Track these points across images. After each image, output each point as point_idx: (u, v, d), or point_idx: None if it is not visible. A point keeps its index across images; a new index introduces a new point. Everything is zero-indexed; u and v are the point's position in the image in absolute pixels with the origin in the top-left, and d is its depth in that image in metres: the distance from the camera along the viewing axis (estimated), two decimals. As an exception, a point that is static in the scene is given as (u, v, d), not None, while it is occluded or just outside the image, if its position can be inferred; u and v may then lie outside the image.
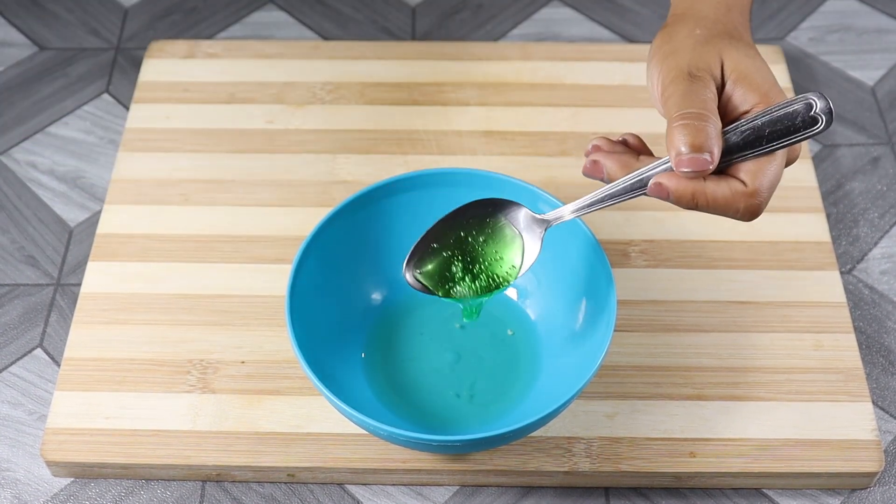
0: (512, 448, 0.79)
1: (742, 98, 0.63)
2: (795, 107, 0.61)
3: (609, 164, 0.65)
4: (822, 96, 0.60)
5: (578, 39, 1.11)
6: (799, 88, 1.06)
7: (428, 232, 0.72)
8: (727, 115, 0.64)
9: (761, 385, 0.82)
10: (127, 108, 1.04)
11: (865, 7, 1.14)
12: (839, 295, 0.87)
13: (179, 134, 0.98)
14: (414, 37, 1.11)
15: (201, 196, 0.94)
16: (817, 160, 1.00)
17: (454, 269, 0.73)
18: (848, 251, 0.94)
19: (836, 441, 0.80)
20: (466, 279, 0.73)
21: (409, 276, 0.72)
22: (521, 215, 0.72)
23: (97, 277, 0.88)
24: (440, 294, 0.73)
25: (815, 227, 0.91)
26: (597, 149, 0.67)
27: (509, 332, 0.84)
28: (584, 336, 0.78)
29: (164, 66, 1.03)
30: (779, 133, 0.61)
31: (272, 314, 0.86)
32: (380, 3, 1.14)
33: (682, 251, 0.90)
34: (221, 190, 0.94)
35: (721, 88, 0.64)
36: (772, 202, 0.92)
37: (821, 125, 0.60)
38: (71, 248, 0.94)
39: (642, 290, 0.88)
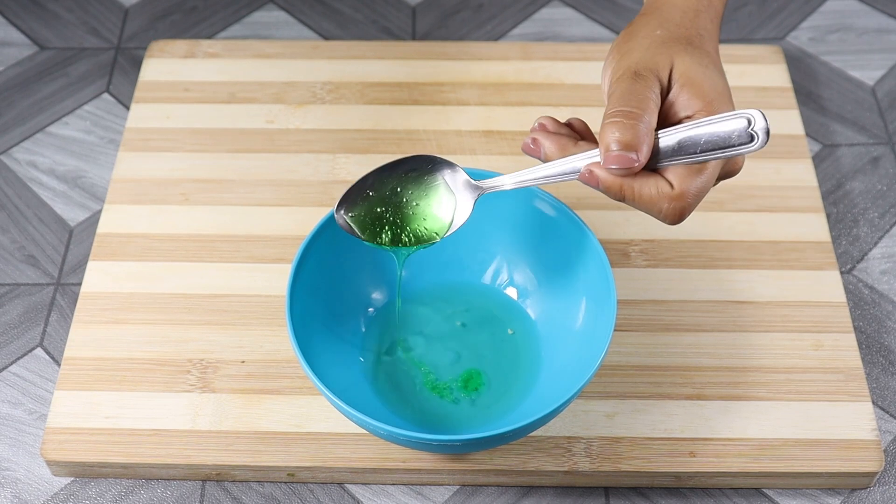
0: (512, 448, 0.79)
1: (686, 103, 0.63)
2: (734, 121, 0.60)
3: (548, 144, 0.66)
4: (762, 115, 0.60)
5: (578, 39, 1.11)
6: (799, 88, 1.06)
7: (365, 178, 0.73)
8: (669, 118, 0.64)
9: (761, 385, 0.82)
10: (127, 108, 1.04)
11: (865, 7, 1.14)
12: (839, 295, 0.87)
13: (179, 134, 0.98)
14: (414, 37, 1.11)
15: (201, 196, 0.94)
16: (817, 160, 1.00)
17: (384, 218, 0.73)
18: (848, 251, 0.94)
19: (836, 441, 0.80)
20: (395, 229, 0.73)
21: (339, 218, 0.73)
22: (459, 178, 0.73)
23: (97, 277, 0.88)
24: (365, 239, 0.73)
25: (815, 227, 0.91)
26: (542, 127, 0.68)
27: (509, 332, 0.84)
28: (584, 336, 0.78)
29: (164, 65, 1.03)
30: (713, 144, 0.61)
31: (272, 314, 0.86)
32: (380, 3, 1.14)
33: (682, 251, 0.90)
34: (221, 190, 0.94)
35: (667, 92, 0.64)
36: (772, 202, 0.93)
37: (756, 143, 0.60)
38: (71, 247, 0.94)
39: (642, 290, 0.88)
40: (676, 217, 0.63)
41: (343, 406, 0.70)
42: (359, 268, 0.83)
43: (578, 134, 0.68)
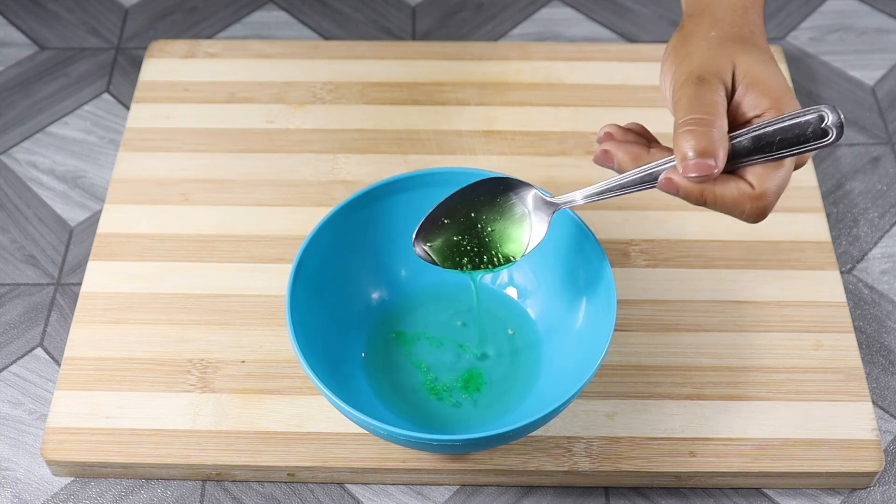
0: (512, 448, 0.79)
1: (753, 103, 0.63)
2: (807, 118, 0.61)
3: (620, 154, 0.66)
4: (835, 109, 0.61)
5: (578, 39, 1.11)
6: (799, 88, 1.06)
7: (438, 207, 0.73)
8: (738, 119, 0.64)
9: (761, 385, 0.82)
10: (127, 108, 1.04)
11: (865, 7, 1.14)
12: (839, 295, 0.87)
13: (179, 134, 0.98)
14: (414, 37, 1.11)
15: (201, 196, 0.94)
16: (817, 160, 1.00)
17: (462, 244, 0.74)
18: (848, 251, 0.94)
19: (836, 441, 0.80)
20: (473, 255, 0.74)
21: (418, 249, 0.73)
22: (531, 196, 0.73)
23: (97, 277, 0.88)
24: (447, 266, 0.74)
25: (815, 227, 0.91)
26: (609, 136, 0.67)
27: (509, 332, 0.84)
28: (584, 336, 0.78)
29: (164, 65, 1.03)
30: (789, 142, 0.61)
31: (272, 314, 0.86)
32: (380, 3, 1.14)
33: (682, 251, 0.90)
34: (221, 190, 0.94)
35: (732, 93, 0.64)
36: (772, 202, 0.93)
37: (831, 138, 0.61)
38: (71, 247, 0.94)
39: (642, 290, 0.88)
40: (759, 215, 0.63)
41: (343, 406, 0.70)
42: (359, 268, 0.83)
43: (646, 139, 0.67)
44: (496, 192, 0.73)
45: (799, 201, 0.93)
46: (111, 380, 0.82)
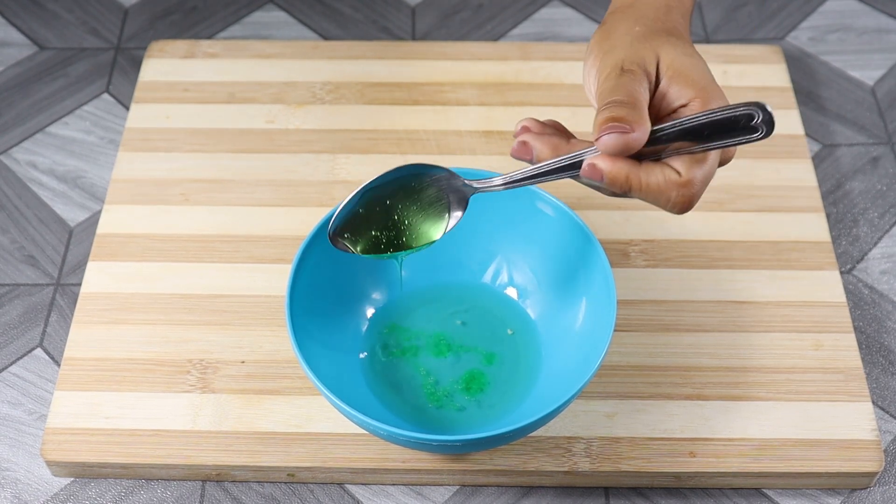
0: (512, 448, 0.79)
1: (678, 93, 0.63)
2: (738, 113, 0.60)
3: (538, 145, 0.65)
4: (765, 108, 0.59)
5: (578, 39, 1.11)
6: (799, 88, 1.06)
7: (352, 198, 0.71)
8: (663, 109, 0.63)
9: (761, 385, 0.82)
10: (127, 108, 1.04)
11: (865, 7, 1.14)
12: (839, 295, 0.87)
13: (179, 134, 0.98)
14: (414, 37, 1.11)
15: (201, 196, 0.94)
16: (817, 160, 1.00)
17: (380, 233, 0.72)
18: (848, 251, 0.94)
19: (836, 441, 0.80)
20: (390, 241, 0.72)
21: (334, 242, 0.71)
22: (449, 180, 0.71)
23: (97, 277, 0.88)
24: (363, 254, 0.72)
25: (815, 227, 0.91)
26: (525, 129, 0.66)
27: (509, 332, 0.84)
28: (584, 336, 0.78)
29: (164, 66, 1.03)
30: (718, 135, 0.60)
31: (272, 314, 0.86)
32: (380, 3, 1.14)
33: (682, 251, 0.90)
34: (221, 190, 0.94)
35: (656, 85, 0.64)
36: (772, 202, 0.93)
37: (760, 134, 0.59)
38: (71, 247, 0.94)
39: (642, 290, 0.88)
40: (685, 205, 0.62)
41: (343, 406, 0.70)
42: (359, 268, 0.83)
43: (564, 135, 0.66)
44: (412, 177, 0.71)
45: (799, 201, 0.93)
46: (111, 380, 0.82)
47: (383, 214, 0.72)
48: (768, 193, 0.94)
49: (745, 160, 0.96)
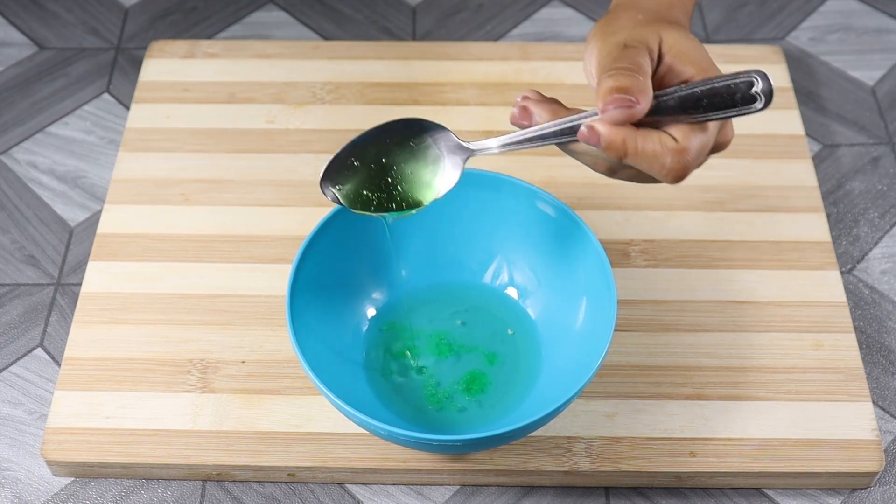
0: (512, 448, 0.79)
1: (680, 70, 0.63)
2: (737, 81, 0.60)
3: (538, 111, 0.65)
4: (766, 77, 0.59)
5: (578, 39, 1.11)
6: (799, 88, 1.06)
7: (347, 146, 0.70)
8: (664, 86, 0.64)
9: (761, 385, 0.82)
10: (127, 108, 1.04)
11: (865, 7, 1.14)
12: (839, 295, 0.87)
13: (179, 134, 0.98)
14: (414, 37, 1.11)
15: (201, 196, 0.94)
16: (817, 160, 1.00)
17: (371, 185, 0.71)
18: (848, 251, 0.94)
19: (836, 441, 0.80)
20: (381, 196, 0.71)
21: (326, 192, 0.71)
22: (445, 140, 0.70)
23: (97, 277, 0.88)
24: (356, 209, 0.71)
25: (815, 227, 0.91)
26: (526, 99, 0.67)
27: (509, 332, 0.84)
28: (584, 336, 0.78)
29: (164, 66, 1.03)
30: (716, 105, 0.60)
31: (272, 314, 0.86)
32: (380, 3, 1.14)
33: (682, 251, 0.90)
34: (221, 190, 0.94)
35: (658, 64, 0.64)
36: (772, 202, 0.93)
37: (759, 104, 0.59)
38: (71, 247, 0.94)
39: (642, 290, 0.88)
40: (679, 173, 0.62)
41: (343, 406, 0.70)
42: (359, 268, 0.83)
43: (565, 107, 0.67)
44: (410, 133, 0.70)
45: (799, 201, 0.93)
46: (111, 380, 0.82)
47: (378, 171, 0.71)
48: (768, 193, 0.94)
49: (745, 160, 0.96)
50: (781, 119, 0.99)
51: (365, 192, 0.71)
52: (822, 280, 0.88)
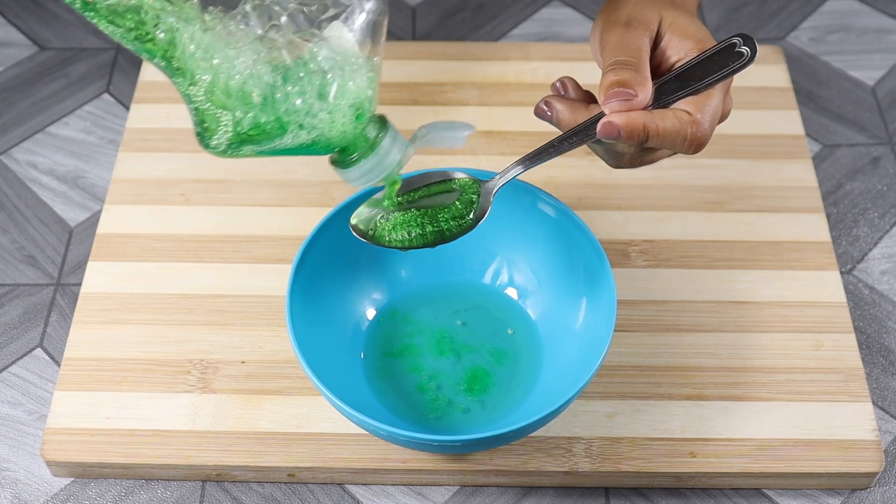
0: (512, 448, 0.79)
1: (678, 45, 0.67)
2: (722, 47, 0.66)
3: (559, 106, 0.69)
4: (747, 36, 0.65)
5: (578, 39, 1.11)
6: (799, 88, 1.06)
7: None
8: (663, 63, 0.68)
9: (761, 385, 0.82)
10: (127, 108, 1.04)
11: (865, 7, 1.14)
12: (839, 295, 0.87)
13: (179, 134, 0.98)
14: (414, 37, 1.11)
15: (201, 196, 0.94)
16: (817, 160, 1.00)
17: (406, 239, 0.71)
18: (848, 251, 0.94)
19: (836, 441, 0.80)
20: (419, 233, 0.71)
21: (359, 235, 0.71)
22: (474, 184, 0.72)
23: (97, 277, 0.88)
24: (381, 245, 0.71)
25: (815, 227, 0.91)
26: (556, 91, 0.70)
27: (509, 332, 0.84)
28: (585, 336, 0.78)
29: (164, 66, 1.03)
30: (710, 70, 0.65)
31: (272, 314, 0.86)
32: (380, 3, 1.14)
33: (682, 251, 0.90)
34: (221, 190, 0.94)
35: (658, 41, 0.68)
36: (772, 202, 0.93)
37: (746, 58, 0.65)
38: (71, 248, 0.94)
39: (642, 290, 0.88)
40: (700, 141, 0.65)
41: (343, 406, 0.70)
42: (359, 268, 0.83)
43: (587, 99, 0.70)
44: (434, 180, 0.73)
45: (799, 201, 0.93)
46: (111, 380, 0.82)
47: (409, 206, 0.72)
48: (768, 193, 0.94)
49: (744, 160, 0.96)
50: (781, 119, 0.99)
51: (400, 239, 0.71)
52: (821, 280, 0.88)
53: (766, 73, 1.03)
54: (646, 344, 0.84)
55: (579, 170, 0.95)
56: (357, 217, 0.71)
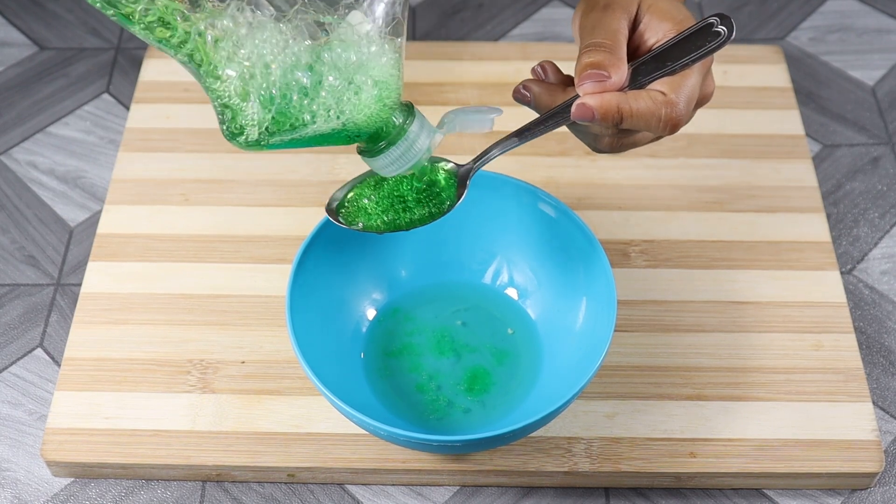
0: (512, 448, 0.79)
1: (657, 27, 0.67)
2: (699, 27, 0.65)
3: (536, 89, 0.69)
4: (724, 15, 0.64)
5: (578, 39, 1.11)
6: (799, 88, 1.06)
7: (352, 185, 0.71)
8: (642, 45, 0.67)
9: (761, 385, 0.82)
10: (127, 108, 1.04)
11: (865, 7, 1.14)
12: (839, 295, 0.87)
13: (179, 134, 0.98)
14: (414, 37, 1.11)
15: (201, 196, 0.94)
16: (817, 160, 1.00)
17: (381, 222, 0.71)
18: (848, 251, 0.94)
19: (836, 441, 0.80)
20: (394, 221, 0.71)
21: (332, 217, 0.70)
22: (447, 168, 0.72)
23: (97, 277, 0.88)
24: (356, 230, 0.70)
25: (815, 227, 0.91)
26: (537, 75, 0.70)
27: (509, 332, 0.84)
28: (584, 336, 0.78)
29: (164, 66, 1.03)
30: (687, 50, 0.65)
31: (272, 314, 0.86)
32: (380, 3, 1.14)
33: (682, 251, 0.90)
34: (221, 190, 0.94)
35: (637, 24, 0.68)
36: (772, 202, 0.93)
37: (723, 37, 0.64)
38: (71, 248, 0.94)
39: (642, 290, 0.88)
40: (675, 122, 0.65)
41: (343, 406, 0.70)
42: (359, 268, 0.83)
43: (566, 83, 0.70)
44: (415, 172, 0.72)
45: (799, 201, 0.93)
46: (111, 380, 0.82)
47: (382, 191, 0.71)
48: (768, 193, 0.94)
49: (745, 160, 0.96)
50: (781, 119, 0.99)
51: (376, 224, 0.70)
52: (821, 280, 0.88)
53: (766, 72, 1.03)
54: (646, 344, 0.84)
55: (579, 170, 0.95)
56: (334, 201, 0.71)
